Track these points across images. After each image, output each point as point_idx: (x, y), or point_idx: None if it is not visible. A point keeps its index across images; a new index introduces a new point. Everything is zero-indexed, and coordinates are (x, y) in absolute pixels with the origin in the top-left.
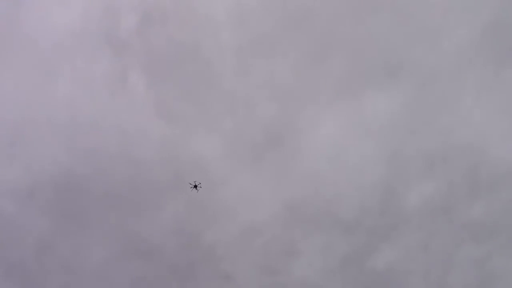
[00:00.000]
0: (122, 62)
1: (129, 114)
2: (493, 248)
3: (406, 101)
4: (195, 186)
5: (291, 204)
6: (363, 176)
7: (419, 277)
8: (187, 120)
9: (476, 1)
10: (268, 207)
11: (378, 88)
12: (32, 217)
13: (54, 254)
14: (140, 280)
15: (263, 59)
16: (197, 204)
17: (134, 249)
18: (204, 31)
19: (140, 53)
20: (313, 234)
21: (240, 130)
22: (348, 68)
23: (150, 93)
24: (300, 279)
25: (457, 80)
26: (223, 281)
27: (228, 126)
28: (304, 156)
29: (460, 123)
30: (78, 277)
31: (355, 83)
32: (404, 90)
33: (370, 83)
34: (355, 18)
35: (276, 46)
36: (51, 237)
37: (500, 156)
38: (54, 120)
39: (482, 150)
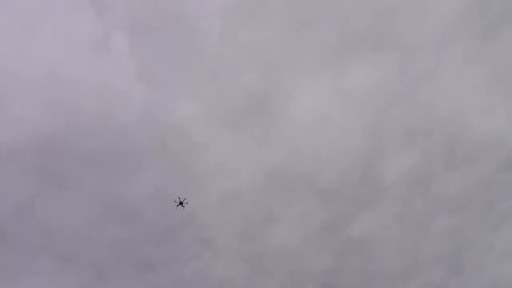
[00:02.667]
0: (105, 24)
1: (111, 77)
2: (466, 219)
3: (389, 72)
4: (181, 203)
5: (271, 170)
6: (344, 146)
7: (394, 245)
8: (170, 84)
9: None
10: (249, 173)
11: (362, 59)
12: (11, 179)
13: (34, 216)
14: (120, 242)
15: (248, 25)
16: (178, 169)
17: (115, 212)
18: None
19: (124, 15)
20: (292, 202)
21: (223, 96)
22: (333, 38)
23: (133, 56)
24: (278, 246)
25: (440, 53)
26: (202, 246)
27: (211, 92)
28: (286, 124)
29: (441, 96)
30: (58, 238)
31: (339, 53)
32: (388, 61)
33: (354, 53)
34: None
35: (262, 13)
36: (30, 198)
37: (478, 130)
38: (35, 81)
39: (461, 124)
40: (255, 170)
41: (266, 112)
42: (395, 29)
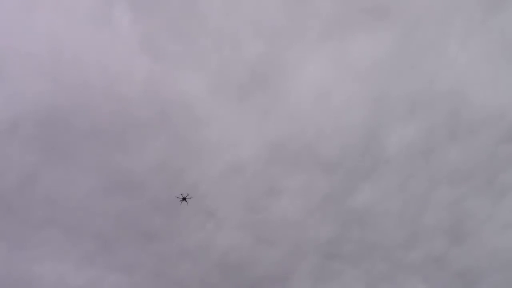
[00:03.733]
0: None
1: (113, 49)
2: (467, 191)
3: (392, 44)
4: (184, 198)
5: (274, 143)
6: (346, 118)
7: (396, 216)
8: (172, 57)
9: None
10: (251, 146)
11: (365, 31)
12: (15, 151)
13: (38, 187)
14: (123, 213)
15: None
16: (181, 141)
17: (118, 184)
18: None
19: None
20: (295, 173)
21: (225, 68)
22: (336, 9)
23: (135, 28)
24: (281, 217)
25: (444, 25)
26: (205, 217)
27: (214, 64)
28: (289, 96)
29: (444, 68)
30: (63, 210)
31: (342, 25)
32: (391, 33)
33: (357, 25)
34: None
35: None
36: (34, 171)
37: (481, 102)
38: (36, 53)
39: (464, 96)
40: (258, 143)
41: (268, 85)
42: (397, 2)
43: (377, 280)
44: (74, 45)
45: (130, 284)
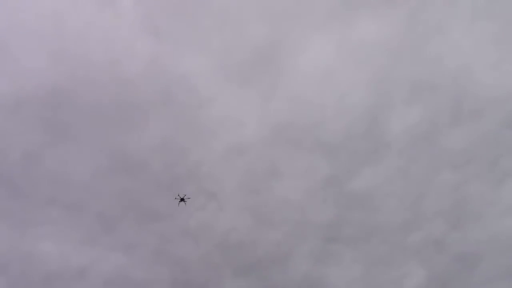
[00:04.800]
0: None
1: (116, 29)
2: (469, 175)
3: (397, 26)
4: (182, 199)
5: (276, 125)
6: (349, 100)
7: (397, 199)
8: (176, 37)
9: None
10: (254, 127)
11: (370, 13)
12: (18, 129)
13: (42, 166)
14: (126, 192)
15: None
16: (184, 121)
17: (121, 164)
18: None
19: None
20: (297, 155)
21: (229, 49)
22: None
23: (139, 8)
24: (282, 199)
25: (449, 7)
26: (207, 198)
27: (217, 45)
28: (292, 77)
29: (449, 51)
30: (65, 188)
31: (346, 7)
32: (396, 15)
33: (361, 7)
34: None
35: None
36: (37, 149)
37: (485, 86)
38: (40, 32)
39: (469, 79)
40: (260, 124)
41: (272, 66)
42: None
43: (377, 262)
44: (77, 25)
45: (132, 263)
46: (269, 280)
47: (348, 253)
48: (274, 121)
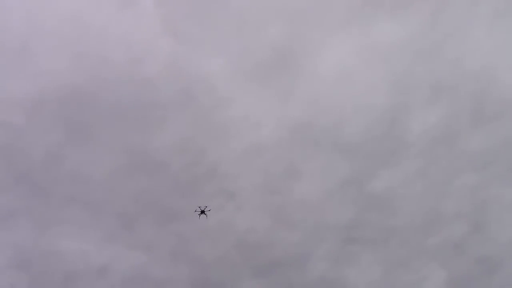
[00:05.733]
0: None
1: (137, 29)
2: (490, 176)
3: (417, 26)
4: (203, 211)
5: (295, 125)
6: (368, 101)
7: (416, 201)
8: (195, 38)
9: None
10: (272, 128)
11: (389, 13)
12: (39, 129)
13: (63, 166)
14: (145, 192)
15: None
16: (203, 122)
17: (140, 163)
18: None
19: None
20: (315, 155)
21: (247, 50)
22: None
23: (158, 9)
24: (300, 200)
25: (470, 6)
26: (225, 198)
27: (236, 46)
28: (311, 77)
29: (470, 51)
30: (85, 187)
31: (366, 7)
32: (416, 14)
33: (381, 7)
34: None
35: None
36: (58, 149)
37: (507, 87)
38: (60, 33)
39: (490, 80)
40: (279, 124)
41: (290, 66)
42: None
43: (396, 264)
44: (98, 25)
45: (150, 262)
46: (287, 281)
47: (367, 254)
48: (292, 122)
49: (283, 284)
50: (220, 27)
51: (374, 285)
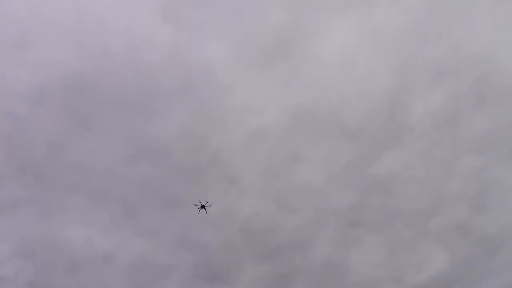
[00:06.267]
0: None
1: (137, 17)
2: (492, 158)
3: (418, 9)
4: (203, 206)
5: (297, 111)
6: (370, 85)
7: (419, 184)
8: (195, 24)
9: None
10: (274, 114)
11: None
12: (42, 119)
13: (65, 154)
14: (148, 180)
15: None
16: (205, 109)
17: (143, 151)
18: None
19: None
20: (318, 141)
21: (249, 36)
22: None
23: None
24: (303, 185)
25: None
26: (228, 184)
27: (237, 32)
28: (312, 63)
29: (472, 34)
30: (88, 176)
31: None
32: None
33: None
34: None
35: None
36: (61, 138)
37: (508, 69)
38: (61, 23)
39: (492, 63)
40: (281, 110)
41: (292, 52)
42: None
43: (399, 247)
44: (98, 13)
45: (155, 249)
46: (291, 265)
47: (370, 238)
48: (295, 107)
49: (287, 268)
50: (220, 13)
51: (378, 268)
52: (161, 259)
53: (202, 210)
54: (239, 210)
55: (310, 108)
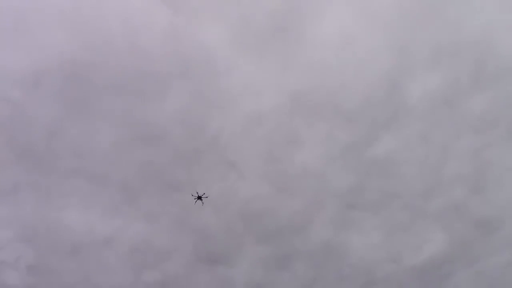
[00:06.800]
0: None
1: (134, 1)
2: (490, 139)
3: None
4: (199, 197)
5: (295, 93)
6: (369, 67)
7: (416, 166)
8: (193, 8)
9: None
10: (273, 96)
11: None
12: (39, 104)
13: (63, 139)
14: (147, 164)
15: None
16: (203, 92)
17: (141, 136)
18: None
19: None
20: (316, 123)
21: (246, 19)
22: None
23: None
24: (302, 167)
25: None
26: (227, 168)
27: (234, 15)
28: (311, 45)
29: (470, 16)
30: (87, 160)
31: None
32: None
33: None
34: None
35: None
36: (59, 123)
37: (506, 51)
38: (57, 5)
39: (490, 44)
40: (279, 92)
41: (290, 33)
42: None
43: (397, 228)
44: None
45: (155, 232)
46: (290, 247)
47: (369, 219)
48: (293, 90)
49: (286, 250)
50: None
51: (376, 249)
52: (161, 242)
53: (199, 201)
54: (238, 193)
55: (309, 90)
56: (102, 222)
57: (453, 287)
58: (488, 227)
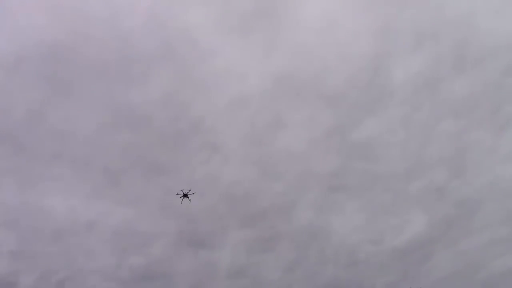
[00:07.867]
0: None
1: None
2: (472, 122)
3: None
4: (185, 195)
5: (278, 76)
6: (352, 50)
7: (399, 148)
8: None
9: None
10: (256, 80)
11: None
12: (20, 86)
13: (45, 123)
14: (131, 147)
15: None
16: (186, 75)
17: (124, 118)
18: None
19: None
20: (299, 106)
21: (229, 1)
22: None
23: None
24: (285, 150)
25: None
26: (210, 151)
27: None
28: (294, 29)
29: None
30: (69, 144)
31: None
32: None
33: None
34: None
35: None
36: (41, 106)
37: (488, 33)
38: None
39: (472, 26)
40: (263, 75)
41: (273, 16)
42: None
43: (379, 210)
44: None
45: (138, 216)
46: (274, 229)
47: (351, 202)
48: (276, 73)
49: (270, 233)
50: None
51: (358, 231)
52: (144, 226)
53: (185, 199)
54: (222, 176)
55: (292, 73)
56: (85, 206)
57: (434, 267)
58: (468, 208)
